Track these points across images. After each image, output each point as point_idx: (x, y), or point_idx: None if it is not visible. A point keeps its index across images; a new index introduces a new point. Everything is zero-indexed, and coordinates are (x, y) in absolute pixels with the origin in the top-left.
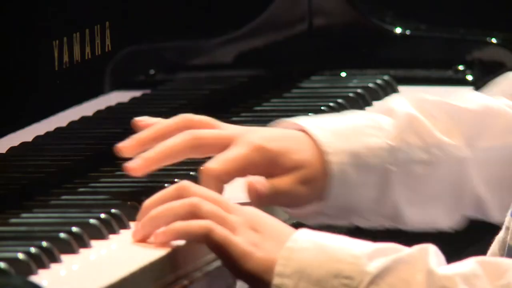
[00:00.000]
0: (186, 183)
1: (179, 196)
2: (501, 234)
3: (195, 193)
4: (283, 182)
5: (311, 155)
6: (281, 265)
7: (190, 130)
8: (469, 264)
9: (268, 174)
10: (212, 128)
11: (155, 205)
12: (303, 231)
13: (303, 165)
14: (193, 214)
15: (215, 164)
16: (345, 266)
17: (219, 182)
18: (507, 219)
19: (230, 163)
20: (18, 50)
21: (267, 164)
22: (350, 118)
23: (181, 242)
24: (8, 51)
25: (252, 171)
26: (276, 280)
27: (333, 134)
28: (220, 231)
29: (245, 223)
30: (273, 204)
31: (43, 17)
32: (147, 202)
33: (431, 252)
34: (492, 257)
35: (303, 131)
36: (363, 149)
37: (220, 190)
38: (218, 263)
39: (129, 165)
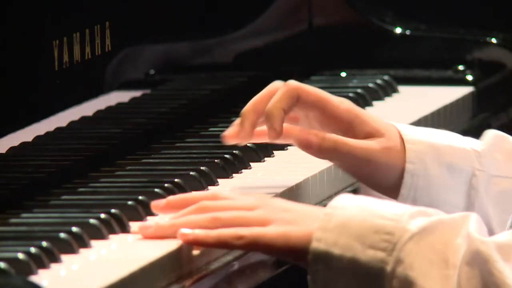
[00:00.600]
0: (220, 214)
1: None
2: None
3: (228, 221)
4: (358, 142)
5: (394, 135)
6: (324, 221)
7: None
8: (507, 235)
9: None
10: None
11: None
12: (347, 195)
13: (384, 134)
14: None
15: None
16: (386, 222)
17: None
18: None
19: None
20: (18, 50)
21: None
22: (438, 130)
23: (181, 243)
24: (8, 51)
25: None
26: (317, 234)
27: (417, 129)
28: (249, 232)
29: (273, 211)
30: (348, 168)
31: (43, 17)
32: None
33: (473, 219)
34: None
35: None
36: (446, 147)
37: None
38: (218, 263)
39: None
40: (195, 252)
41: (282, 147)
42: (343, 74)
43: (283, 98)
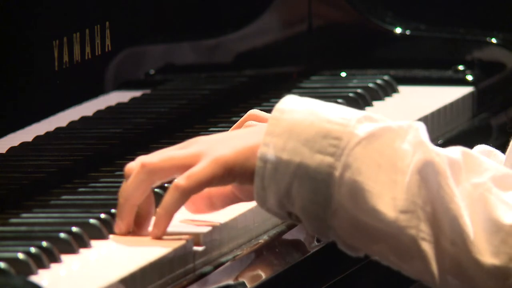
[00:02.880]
0: (144, 160)
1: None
2: None
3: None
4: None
5: None
6: (272, 125)
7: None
8: (456, 152)
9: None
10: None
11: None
12: (294, 96)
13: None
14: (151, 175)
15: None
16: (334, 126)
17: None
18: None
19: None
20: (18, 50)
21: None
22: None
23: (180, 242)
24: (8, 51)
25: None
26: (265, 139)
27: None
28: (186, 179)
29: (202, 144)
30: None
31: (43, 17)
32: (123, 194)
33: (422, 128)
34: (477, 153)
35: None
36: None
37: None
38: (218, 263)
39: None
40: (196, 250)
41: None
42: (343, 74)
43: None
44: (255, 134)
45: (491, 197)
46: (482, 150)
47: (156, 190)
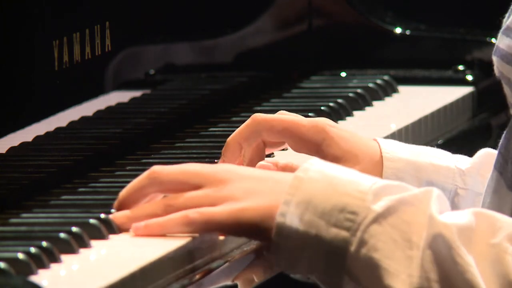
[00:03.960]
0: (156, 169)
1: (151, 183)
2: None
3: (167, 177)
4: None
5: (368, 156)
6: (289, 194)
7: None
8: (467, 216)
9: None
10: None
11: (130, 195)
12: (314, 160)
13: (352, 158)
14: (168, 207)
15: None
16: (351, 200)
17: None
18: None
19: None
20: (18, 50)
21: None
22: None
23: (180, 242)
24: (8, 51)
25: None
26: (282, 208)
27: (399, 146)
28: (199, 215)
29: (219, 189)
30: None
31: (43, 17)
32: (122, 193)
33: (434, 196)
34: (489, 211)
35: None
36: (428, 165)
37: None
38: (217, 263)
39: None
40: (196, 250)
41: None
42: (343, 74)
43: (242, 132)
44: (276, 195)
45: (508, 258)
46: (486, 153)
47: None
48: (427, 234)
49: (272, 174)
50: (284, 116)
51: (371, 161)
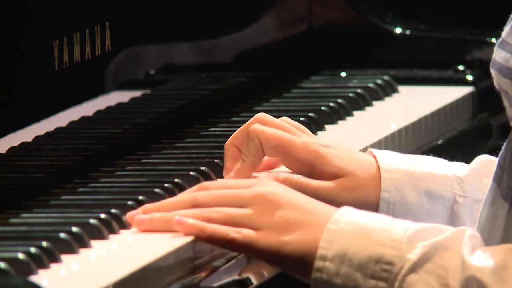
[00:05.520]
0: (204, 185)
1: (192, 205)
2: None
3: (211, 200)
4: (320, 184)
5: (363, 170)
6: (323, 248)
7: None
8: (500, 254)
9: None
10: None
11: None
12: (345, 210)
13: (348, 173)
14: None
15: None
16: (386, 250)
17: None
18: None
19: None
20: (18, 50)
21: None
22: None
23: (180, 242)
24: (8, 51)
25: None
26: (318, 263)
27: (396, 157)
28: (242, 238)
29: (263, 213)
30: None
31: (43, 17)
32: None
33: (466, 237)
34: None
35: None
36: (425, 174)
37: None
38: (217, 262)
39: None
40: (197, 249)
41: None
42: (343, 74)
43: (238, 136)
44: (319, 230)
45: None
46: (484, 160)
47: (156, 190)
48: (461, 278)
49: (315, 205)
50: (279, 132)
51: (368, 174)
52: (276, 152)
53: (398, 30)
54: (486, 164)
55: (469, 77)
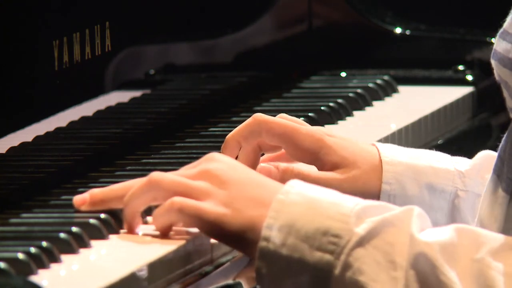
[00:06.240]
0: (156, 176)
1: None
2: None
3: (167, 185)
4: (321, 174)
5: (367, 161)
6: (271, 218)
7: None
8: (448, 232)
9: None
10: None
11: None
12: (295, 182)
13: (351, 164)
14: (157, 190)
15: None
16: (334, 223)
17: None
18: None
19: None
20: (18, 50)
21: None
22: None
23: (180, 242)
24: (8, 51)
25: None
26: (265, 232)
27: (399, 150)
28: (190, 203)
29: (211, 185)
30: None
31: (43, 17)
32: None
33: (415, 215)
34: (471, 227)
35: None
36: (427, 168)
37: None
38: (217, 263)
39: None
40: (197, 250)
41: None
42: (343, 74)
43: (242, 130)
44: (262, 207)
45: (491, 273)
46: (486, 155)
47: None
48: (408, 254)
49: (260, 179)
50: (284, 121)
51: (371, 166)
52: (281, 140)
53: (398, 30)
54: (488, 159)
55: (469, 77)
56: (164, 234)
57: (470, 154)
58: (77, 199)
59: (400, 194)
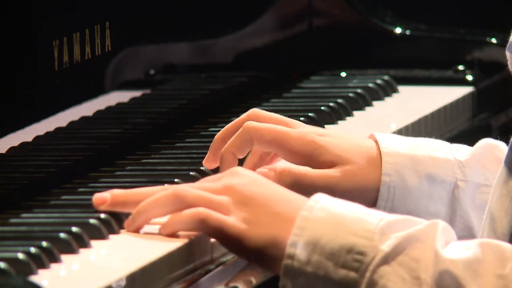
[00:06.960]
0: (181, 190)
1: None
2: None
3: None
4: (318, 173)
5: (363, 156)
6: (295, 235)
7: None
8: (473, 247)
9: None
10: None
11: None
12: (319, 197)
13: (347, 160)
14: (180, 203)
15: None
16: (358, 240)
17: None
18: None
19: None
20: (18, 50)
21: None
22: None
23: (180, 242)
24: (8, 51)
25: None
26: (289, 250)
27: (398, 140)
28: (215, 215)
29: (235, 201)
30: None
31: (43, 17)
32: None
33: (439, 230)
34: (496, 241)
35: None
36: (426, 158)
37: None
38: (216, 263)
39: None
40: (197, 249)
41: None
42: (343, 74)
43: (235, 142)
44: (286, 223)
45: None
46: (486, 144)
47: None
48: (433, 271)
49: (285, 194)
50: (274, 126)
51: (367, 160)
52: (272, 146)
53: (398, 30)
54: (488, 148)
55: (469, 77)
56: (167, 236)
57: None
58: (97, 198)
59: (400, 186)
